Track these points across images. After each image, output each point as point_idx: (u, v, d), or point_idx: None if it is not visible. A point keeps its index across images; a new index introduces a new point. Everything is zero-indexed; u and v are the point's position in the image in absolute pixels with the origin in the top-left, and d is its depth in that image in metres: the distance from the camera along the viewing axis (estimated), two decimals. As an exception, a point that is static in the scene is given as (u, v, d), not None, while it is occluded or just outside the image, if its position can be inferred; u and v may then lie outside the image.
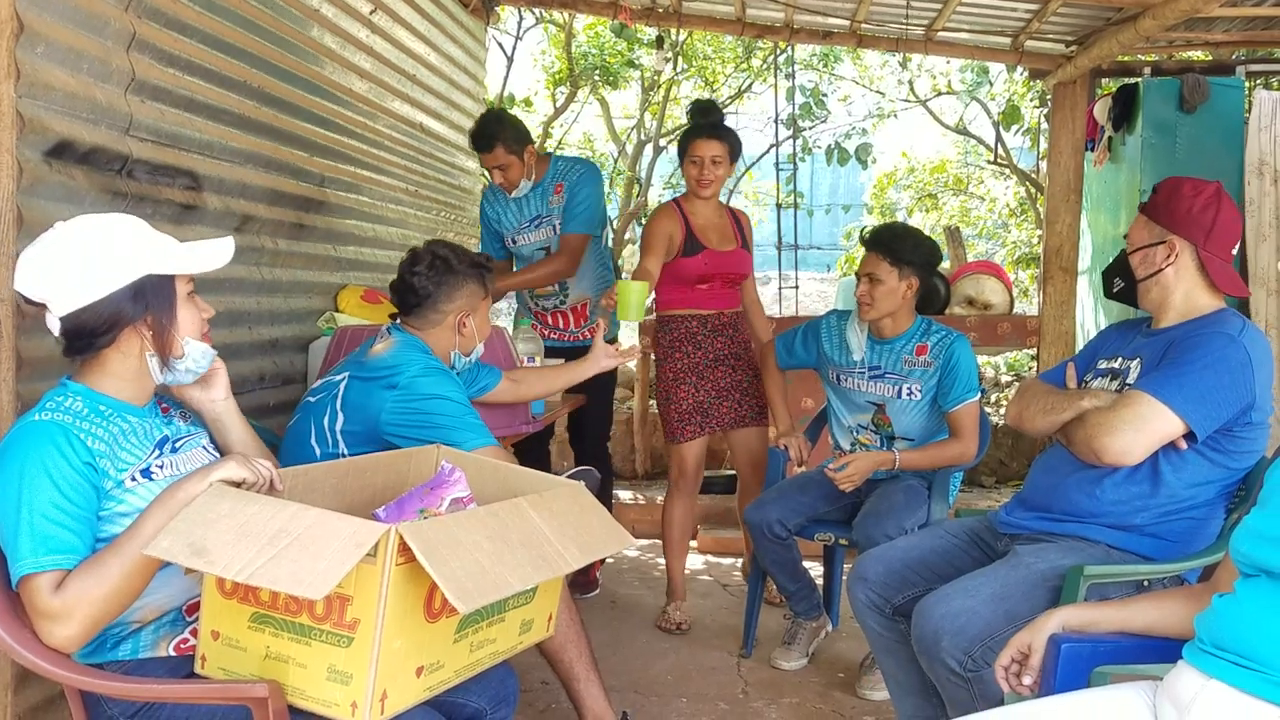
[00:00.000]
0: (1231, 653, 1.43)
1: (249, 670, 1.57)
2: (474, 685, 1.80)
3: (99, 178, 2.28)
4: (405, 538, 1.44)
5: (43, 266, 1.64)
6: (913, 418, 3.19)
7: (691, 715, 3.00)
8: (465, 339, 2.57)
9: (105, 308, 1.64)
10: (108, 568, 1.56)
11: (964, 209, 10.73)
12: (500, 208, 3.95)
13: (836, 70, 10.22)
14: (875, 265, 3.13)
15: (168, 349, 1.72)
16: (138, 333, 1.70)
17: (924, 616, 2.13)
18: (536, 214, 3.90)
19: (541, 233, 3.92)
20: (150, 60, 2.45)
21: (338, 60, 3.59)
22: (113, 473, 1.65)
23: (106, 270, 1.65)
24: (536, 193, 3.88)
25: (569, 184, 3.87)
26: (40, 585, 1.54)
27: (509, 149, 3.73)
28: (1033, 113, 8.50)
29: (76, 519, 1.58)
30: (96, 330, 1.65)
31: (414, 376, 2.36)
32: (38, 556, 1.54)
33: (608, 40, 8.71)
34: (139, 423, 1.73)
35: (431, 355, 2.47)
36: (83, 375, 1.71)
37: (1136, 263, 2.26)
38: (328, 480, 1.88)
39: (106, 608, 1.56)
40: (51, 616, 1.53)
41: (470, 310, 2.55)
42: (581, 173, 3.92)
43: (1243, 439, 2.12)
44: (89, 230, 1.67)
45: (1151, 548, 2.17)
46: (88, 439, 1.62)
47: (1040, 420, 2.31)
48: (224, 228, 2.83)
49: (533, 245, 3.95)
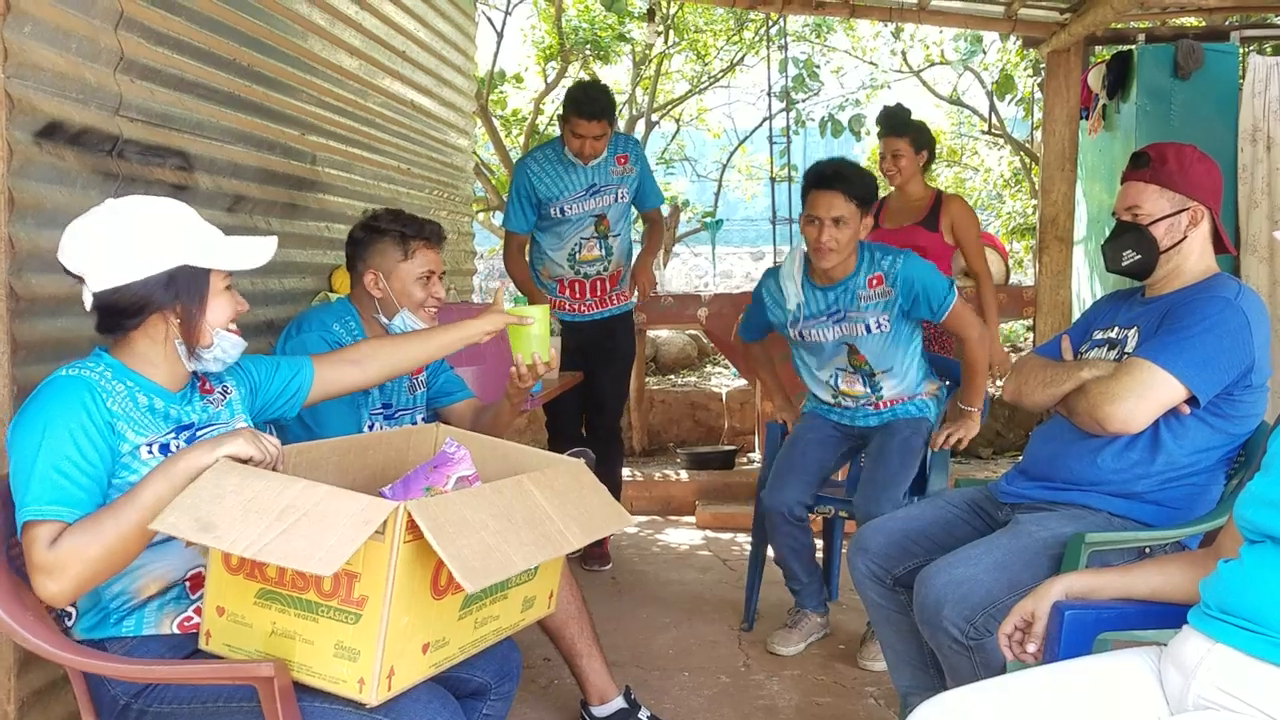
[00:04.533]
0: (1238, 617, 1.43)
1: (254, 646, 1.57)
2: (479, 661, 1.80)
3: (90, 158, 2.26)
4: (414, 515, 1.43)
5: (86, 241, 1.66)
6: (888, 349, 3.13)
7: (693, 689, 3.01)
8: (382, 300, 2.50)
9: (137, 290, 1.66)
10: (103, 528, 1.55)
11: (958, 180, 10.72)
12: (554, 176, 3.95)
13: (829, 41, 10.17)
14: (836, 205, 2.95)
15: (195, 338, 1.73)
16: (165, 319, 1.72)
17: (926, 585, 2.14)
18: (592, 183, 3.95)
19: (595, 201, 3.97)
20: (139, 39, 2.42)
21: (327, 37, 3.56)
22: (131, 436, 1.66)
23: (146, 254, 1.67)
24: (597, 162, 3.94)
25: (634, 157, 4.05)
26: (38, 535, 1.54)
27: (611, 121, 3.86)
28: (1027, 82, 8.47)
29: (88, 475, 1.59)
30: (126, 311, 1.68)
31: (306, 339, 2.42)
32: (41, 504, 1.55)
33: (598, 14, 8.65)
34: (163, 405, 1.74)
35: (347, 319, 2.51)
36: (116, 352, 1.74)
37: (1161, 233, 2.20)
38: (330, 458, 1.88)
39: (99, 568, 1.56)
40: (45, 569, 1.53)
41: (382, 270, 2.48)
42: (639, 148, 4.16)
43: (1242, 402, 2.12)
44: (138, 211, 1.69)
45: (1153, 514, 2.17)
46: (109, 400, 1.65)
47: (1040, 394, 2.31)
48: (216, 208, 2.81)
49: (585, 213, 3.98)
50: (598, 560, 4.17)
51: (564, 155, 3.93)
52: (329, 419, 2.36)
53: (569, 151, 3.89)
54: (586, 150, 3.83)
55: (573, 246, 4.02)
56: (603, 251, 4.04)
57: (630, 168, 4.02)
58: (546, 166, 3.96)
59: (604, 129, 3.82)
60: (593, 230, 4.02)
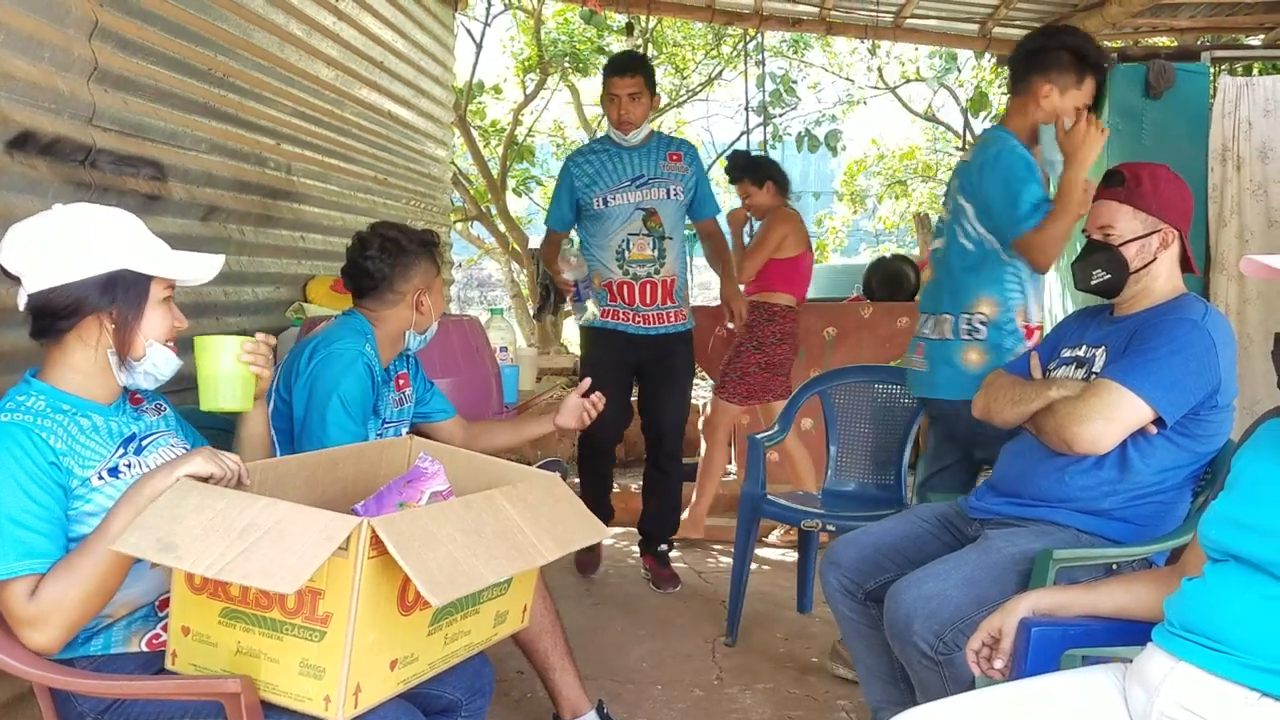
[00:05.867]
0: (1200, 635, 1.45)
1: (220, 666, 1.56)
2: (449, 677, 1.79)
3: (62, 168, 2.25)
4: (377, 530, 1.42)
5: (27, 241, 1.63)
6: None
7: (666, 702, 3.01)
8: (423, 316, 2.55)
9: (73, 291, 1.63)
10: (80, 570, 1.54)
11: (933, 195, 10.81)
12: (596, 166, 3.88)
13: (806, 57, 10.24)
14: None
15: (127, 347, 1.68)
16: (99, 323, 1.67)
17: (896, 600, 2.15)
18: (640, 174, 3.85)
19: (642, 193, 3.84)
20: (113, 49, 2.41)
21: (304, 47, 3.55)
22: (78, 471, 1.62)
23: (85, 256, 1.63)
24: (643, 152, 3.87)
25: (689, 157, 3.95)
26: (15, 592, 1.52)
27: (647, 82, 3.79)
28: (1001, 99, 8.55)
29: (46, 520, 1.56)
30: (60, 313, 1.63)
31: (331, 354, 2.36)
32: (9, 562, 1.51)
33: (577, 26, 8.68)
34: (103, 421, 1.70)
35: (369, 337, 2.46)
36: (47, 370, 1.69)
37: (1133, 254, 2.22)
38: (299, 474, 1.87)
39: (83, 609, 1.55)
40: (29, 623, 1.52)
41: (426, 288, 2.54)
42: (696, 152, 4.05)
43: (1209, 423, 2.15)
44: (82, 216, 1.67)
45: (1120, 531, 2.19)
46: (50, 437, 1.60)
47: (1008, 412, 2.32)
48: (189, 218, 2.80)
49: (629, 205, 3.85)
50: (590, 568, 4.22)
51: (610, 144, 3.90)
52: (337, 438, 2.33)
53: (611, 130, 3.87)
54: (623, 113, 3.77)
55: (620, 242, 3.85)
56: (655, 252, 3.86)
57: (685, 167, 3.92)
58: (590, 158, 3.92)
59: (638, 85, 3.76)
60: (642, 226, 3.85)
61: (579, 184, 3.89)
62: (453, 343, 3.14)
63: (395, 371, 2.59)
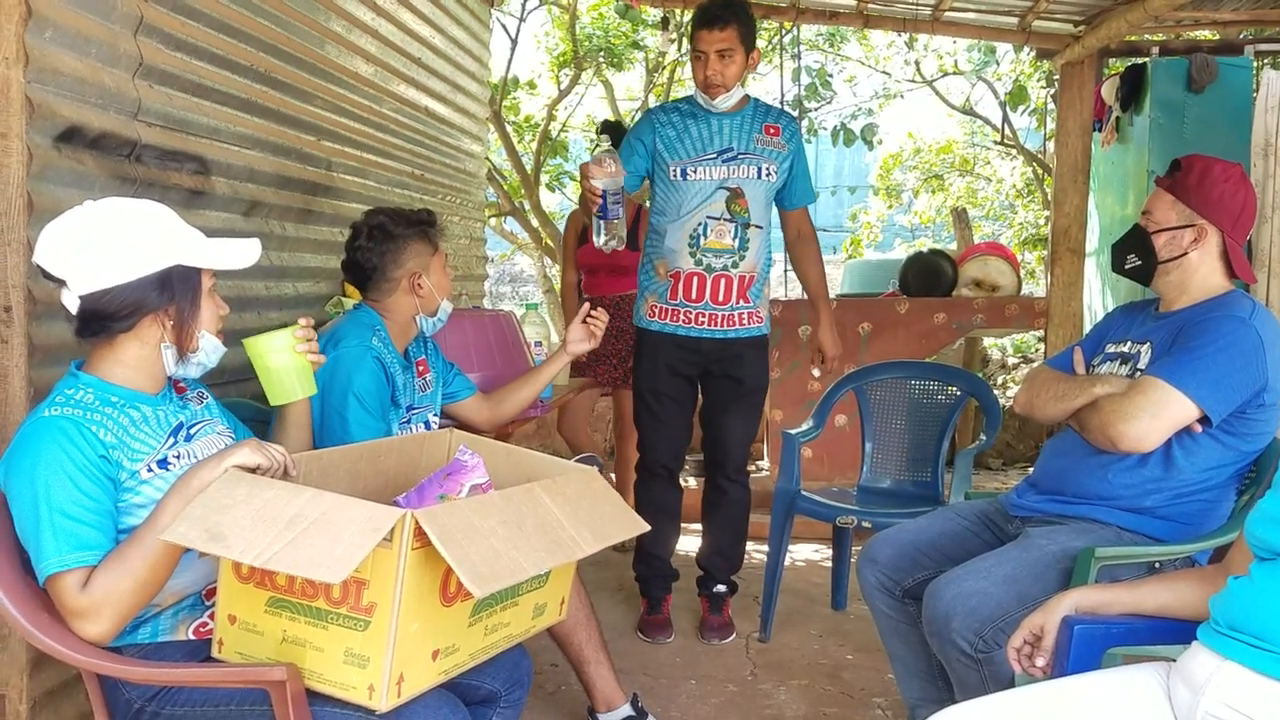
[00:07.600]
0: (1247, 634, 1.43)
1: (266, 654, 1.58)
2: (489, 668, 1.81)
3: (108, 163, 2.28)
4: (421, 522, 1.44)
5: (69, 242, 1.61)
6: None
7: (700, 697, 3.02)
8: (425, 299, 2.53)
9: (129, 293, 1.63)
10: (130, 561, 1.56)
11: (970, 190, 10.71)
12: (680, 129, 3.26)
13: (842, 51, 10.18)
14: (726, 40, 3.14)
15: (186, 342, 1.71)
16: (158, 322, 1.68)
17: (935, 597, 2.14)
18: (729, 146, 3.24)
19: (729, 169, 3.23)
20: (158, 45, 2.44)
21: (344, 43, 3.58)
22: (127, 464, 1.64)
23: (136, 255, 1.63)
24: (735, 121, 3.26)
25: (788, 133, 3.32)
26: (68, 584, 1.54)
27: (742, 36, 3.17)
28: (1040, 93, 8.47)
29: (97, 513, 1.58)
30: (116, 315, 1.63)
31: (339, 356, 2.35)
32: (62, 555, 1.54)
33: (612, 21, 8.68)
34: (152, 411, 1.72)
35: (378, 329, 2.46)
36: (93, 363, 1.70)
37: (1161, 244, 2.22)
38: (342, 465, 1.89)
39: (134, 600, 1.57)
40: (81, 614, 1.54)
41: (421, 269, 2.50)
42: (797, 126, 3.42)
43: (1255, 421, 2.12)
44: (121, 211, 1.66)
45: (1163, 530, 2.17)
46: (99, 431, 1.61)
47: (1052, 407, 2.30)
48: (232, 213, 2.83)
49: (713, 182, 3.24)
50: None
51: (697, 107, 3.28)
52: (359, 435, 2.35)
53: (697, 93, 3.27)
54: (711, 74, 3.17)
55: (697, 225, 3.25)
56: (736, 241, 3.24)
57: (782, 144, 3.28)
58: (674, 117, 3.30)
59: (730, 40, 3.13)
60: (724, 209, 3.24)
61: (661, 143, 3.27)
62: (488, 338, 3.15)
63: (415, 357, 2.60)
